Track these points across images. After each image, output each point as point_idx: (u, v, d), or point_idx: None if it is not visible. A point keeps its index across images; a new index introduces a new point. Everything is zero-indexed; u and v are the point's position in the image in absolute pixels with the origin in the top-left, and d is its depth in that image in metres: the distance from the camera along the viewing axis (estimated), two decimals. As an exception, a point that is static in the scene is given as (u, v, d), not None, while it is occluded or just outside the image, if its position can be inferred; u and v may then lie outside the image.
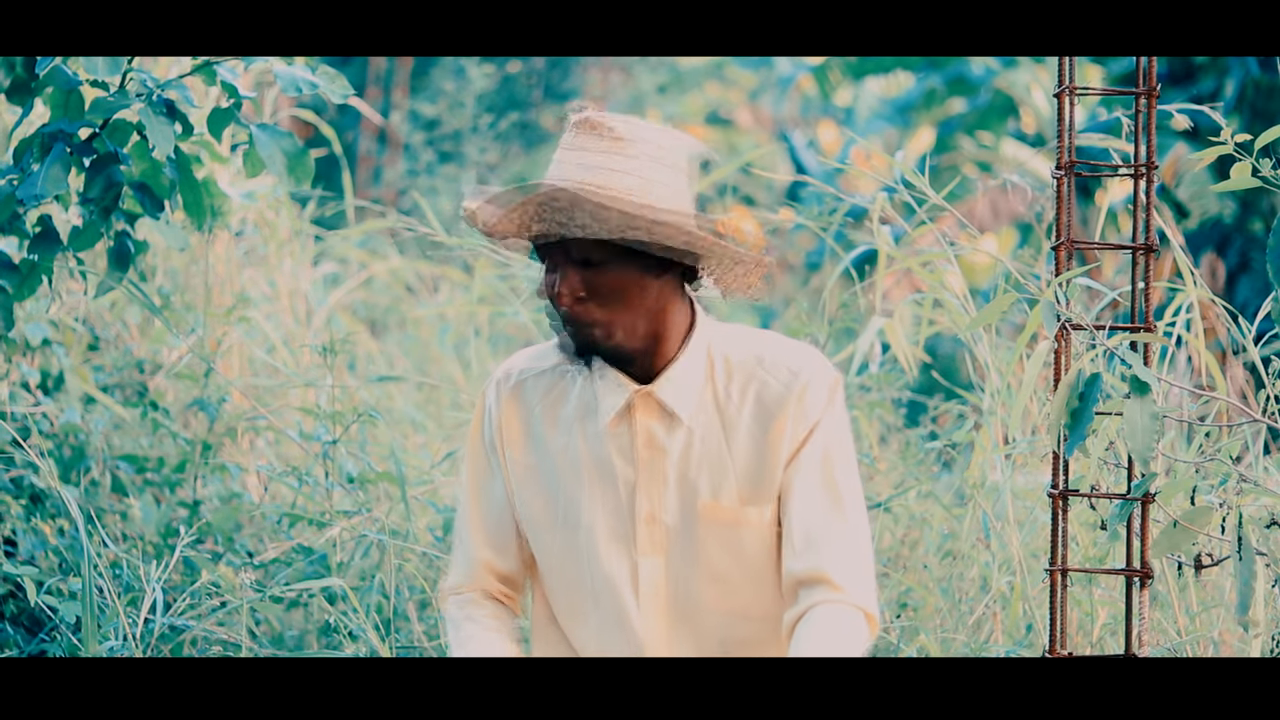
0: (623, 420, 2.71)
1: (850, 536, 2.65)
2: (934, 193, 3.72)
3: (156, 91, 3.31)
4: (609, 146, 2.60)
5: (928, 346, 4.61)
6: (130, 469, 4.40)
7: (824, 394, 2.69)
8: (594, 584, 2.73)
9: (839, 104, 14.19)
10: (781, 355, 2.72)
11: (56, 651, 3.61)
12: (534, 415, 2.76)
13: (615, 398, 2.70)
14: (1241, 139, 2.78)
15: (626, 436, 2.71)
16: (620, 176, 2.58)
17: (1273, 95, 8.10)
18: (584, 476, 2.72)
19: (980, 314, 2.87)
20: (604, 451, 2.71)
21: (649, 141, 2.62)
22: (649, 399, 2.70)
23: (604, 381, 2.71)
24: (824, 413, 2.69)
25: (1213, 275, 7.72)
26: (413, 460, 4.58)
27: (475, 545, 2.84)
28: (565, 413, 2.75)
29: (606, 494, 2.72)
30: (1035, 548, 3.79)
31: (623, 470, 2.71)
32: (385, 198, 11.36)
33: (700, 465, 2.70)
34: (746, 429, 2.69)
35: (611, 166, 2.59)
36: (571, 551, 2.74)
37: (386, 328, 7.25)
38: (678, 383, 2.69)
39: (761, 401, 2.69)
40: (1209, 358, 3.65)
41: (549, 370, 2.78)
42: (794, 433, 2.68)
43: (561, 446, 2.74)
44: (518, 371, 2.80)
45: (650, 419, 2.70)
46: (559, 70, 13.45)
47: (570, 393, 2.76)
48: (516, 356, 2.84)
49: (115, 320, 4.95)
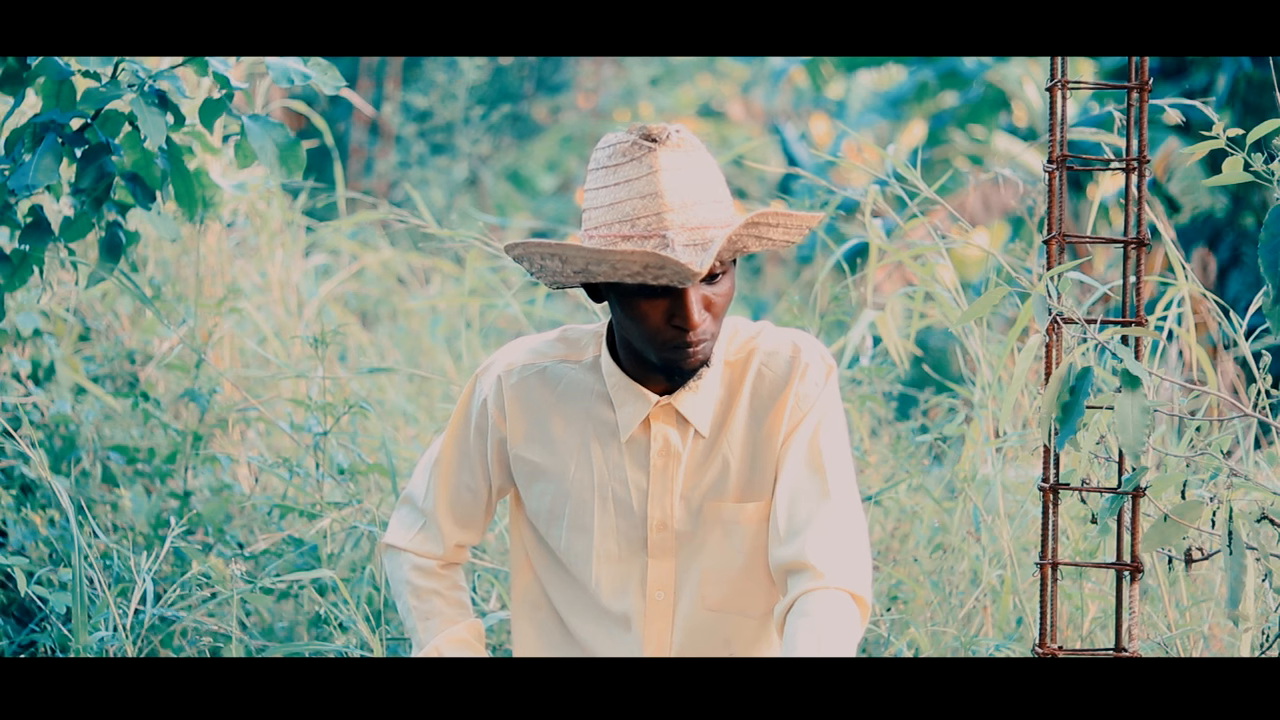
0: (640, 430, 2.71)
1: (836, 519, 2.63)
2: (926, 186, 3.72)
3: (148, 82, 3.31)
4: (692, 159, 2.55)
5: (919, 340, 4.62)
6: (121, 460, 4.39)
7: (819, 381, 2.69)
8: (600, 585, 2.73)
9: (831, 97, 14.19)
10: (778, 346, 2.71)
11: (46, 642, 3.60)
12: (541, 413, 2.75)
13: (635, 411, 2.68)
14: (1233, 134, 2.78)
15: (643, 444, 2.70)
16: (719, 188, 2.57)
17: (1265, 90, 8.10)
18: (596, 481, 2.72)
19: (971, 308, 2.87)
20: (619, 461, 2.71)
21: (698, 146, 2.60)
22: (667, 409, 2.69)
23: (621, 393, 2.69)
24: (817, 398, 2.68)
25: (1204, 270, 7.73)
26: (404, 452, 4.57)
27: (440, 516, 2.85)
28: (575, 411, 2.74)
29: (619, 502, 2.71)
30: (1026, 541, 3.79)
31: (635, 478, 2.71)
32: (377, 189, 11.35)
33: (703, 467, 2.70)
34: (744, 423, 2.69)
35: (708, 179, 2.56)
36: (578, 553, 2.74)
37: (378, 319, 7.24)
38: (696, 394, 2.68)
39: (758, 393, 2.69)
40: (1200, 352, 3.66)
41: (552, 365, 2.77)
42: (789, 420, 2.68)
43: (574, 449, 2.73)
44: (520, 367, 2.77)
45: (667, 427, 2.70)
46: (550, 63, 13.44)
47: (579, 390, 2.74)
48: (514, 349, 2.81)
49: (106, 311, 4.94)
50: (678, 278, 2.45)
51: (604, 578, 2.72)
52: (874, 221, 4.15)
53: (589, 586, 2.74)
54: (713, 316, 2.56)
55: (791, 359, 2.69)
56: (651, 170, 2.50)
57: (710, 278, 2.54)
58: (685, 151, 2.54)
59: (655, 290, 2.52)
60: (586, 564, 2.73)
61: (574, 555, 2.75)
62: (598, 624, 2.76)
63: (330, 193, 6.29)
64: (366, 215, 5.62)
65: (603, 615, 2.75)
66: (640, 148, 2.52)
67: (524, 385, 2.76)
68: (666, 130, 2.53)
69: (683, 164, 2.52)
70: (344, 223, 6.34)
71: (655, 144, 2.52)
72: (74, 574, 3.38)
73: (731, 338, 2.73)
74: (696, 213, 2.50)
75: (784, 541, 2.63)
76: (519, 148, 13.14)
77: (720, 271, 2.55)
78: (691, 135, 2.58)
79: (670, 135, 2.53)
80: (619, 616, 2.73)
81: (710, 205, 2.53)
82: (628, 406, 2.68)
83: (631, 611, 2.72)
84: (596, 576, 2.73)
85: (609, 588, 2.73)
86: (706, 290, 2.54)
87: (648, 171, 2.51)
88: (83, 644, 3.38)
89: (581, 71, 13.86)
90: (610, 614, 2.74)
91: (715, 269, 2.54)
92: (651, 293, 2.52)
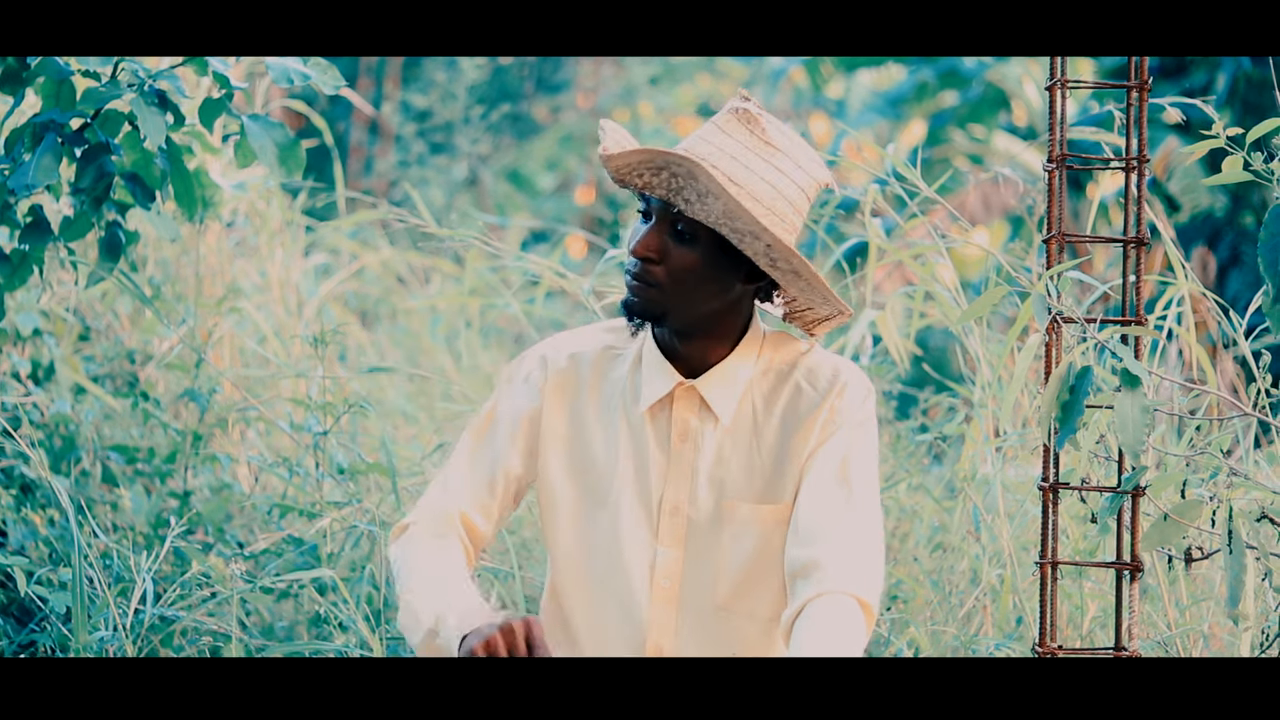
0: (663, 409, 2.73)
1: (855, 529, 2.63)
2: (925, 185, 3.72)
3: (148, 82, 3.31)
4: (755, 145, 2.62)
5: (919, 339, 4.62)
6: (121, 459, 4.39)
7: (857, 401, 2.71)
8: (607, 566, 2.74)
9: (830, 96, 14.20)
10: (822, 364, 2.74)
11: (46, 642, 3.60)
12: (582, 391, 2.78)
13: (659, 385, 2.72)
14: (1233, 133, 2.79)
15: (664, 426, 2.72)
16: (749, 174, 2.60)
17: (1264, 89, 8.11)
18: (619, 458, 2.74)
19: (971, 307, 2.87)
20: (642, 437, 2.73)
21: (793, 158, 2.64)
22: (691, 393, 2.72)
23: (651, 368, 2.73)
24: (852, 417, 2.70)
25: (1204, 269, 7.73)
26: (403, 451, 4.57)
27: (460, 493, 2.79)
28: (609, 392, 2.77)
29: (638, 480, 2.73)
30: (1025, 540, 3.79)
31: (656, 459, 2.72)
32: (377, 189, 11.36)
33: (729, 465, 2.71)
34: (775, 431, 2.71)
35: (747, 163, 2.61)
36: (597, 528, 2.75)
37: (378, 319, 7.25)
38: (723, 383, 2.71)
39: (794, 406, 2.71)
40: (1200, 351, 3.66)
41: (599, 350, 2.81)
42: (821, 433, 2.69)
43: (603, 425, 2.76)
44: (568, 348, 2.81)
45: (688, 413, 2.72)
46: (550, 62, 13.44)
47: (616, 374, 2.78)
48: (560, 337, 2.86)
49: (106, 310, 4.94)
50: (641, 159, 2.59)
51: (614, 557, 2.73)
52: (874, 221, 4.15)
53: (599, 565, 2.74)
54: (665, 270, 2.62)
55: (833, 377, 2.72)
56: (718, 126, 2.65)
57: (678, 231, 2.61)
58: (759, 141, 2.63)
59: (646, 207, 2.65)
60: (602, 539, 2.74)
61: (592, 531, 2.75)
62: (601, 609, 2.76)
63: (330, 192, 6.29)
64: (366, 215, 5.63)
65: (608, 600, 2.75)
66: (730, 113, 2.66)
67: (573, 365, 2.80)
68: (764, 121, 2.64)
69: (748, 144, 2.62)
70: (344, 222, 6.35)
71: (742, 117, 2.64)
72: (74, 574, 3.38)
73: (779, 344, 2.75)
74: (724, 165, 2.58)
75: (800, 545, 2.63)
76: (518, 147, 13.15)
77: (690, 236, 2.60)
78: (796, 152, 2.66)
79: (761, 124, 2.63)
80: (624, 601, 2.73)
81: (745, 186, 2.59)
82: (654, 380, 2.72)
83: (636, 597, 2.72)
84: (608, 554, 2.73)
85: (617, 568, 2.73)
86: (671, 240, 2.62)
87: (715, 124, 2.65)
88: (83, 644, 3.38)
89: (581, 71, 13.87)
90: (615, 598, 2.74)
91: (688, 230, 2.60)
92: (646, 209, 2.65)
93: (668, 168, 2.58)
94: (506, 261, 4.58)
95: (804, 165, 2.65)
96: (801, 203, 2.65)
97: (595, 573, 2.76)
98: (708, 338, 2.71)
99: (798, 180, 2.63)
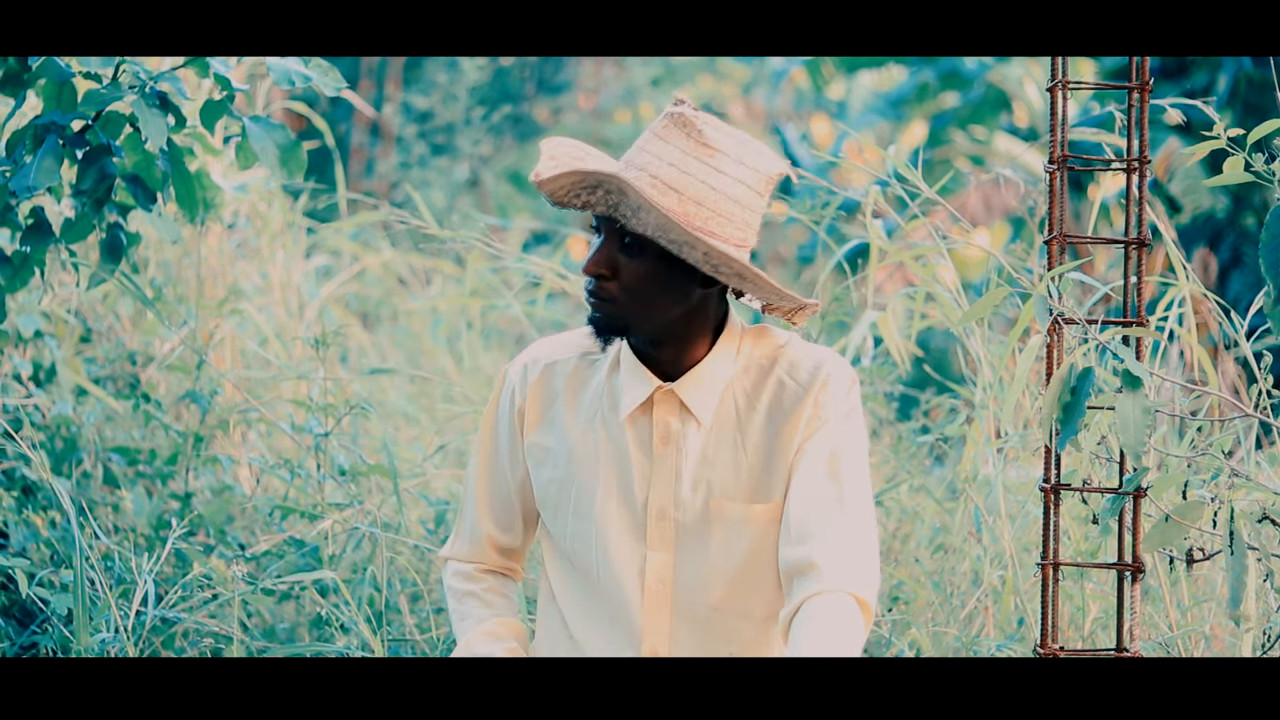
0: (643, 414, 2.72)
1: (848, 526, 2.62)
2: (926, 187, 3.72)
3: (149, 84, 3.31)
4: (693, 149, 2.60)
5: (920, 340, 4.63)
6: (122, 461, 4.39)
7: (841, 392, 2.69)
8: (599, 573, 2.74)
9: (832, 97, 14.21)
10: (803, 357, 2.72)
11: (48, 643, 3.60)
12: (557, 400, 2.78)
13: (637, 391, 2.71)
14: (1234, 134, 2.78)
15: (645, 430, 2.72)
16: (688, 180, 2.58)
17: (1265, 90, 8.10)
18: (600, 467, 2.73)
19: (972, 308, 2.87)
20: (623, 444, 2.72)
21: (734, 157, 2.61)
22: (670, 396, 2.71)
23: (628, 375, 2.72)
24: (838, 409, 2.69)
25: (1205, 270, 7.73)
26: (405, 453, 4.57)
27: (479, 518, 2.89)
28: (586, 400, 2.77)
29: (622, 486, 2.72)
30: (1027, 542, 3.79)
31: (639, 464, 2.72)
32: (378, 190, 11.36)
33: (714, 464, 2.71)
34: (760, 428, 2.70)
35: (686, 168, 2.59)
36: (580, 539, 2.75)
37: (379, 320, 7.25)
38: (701, 384, 2.70)
39: (779, 401, 2.70)
40: (1201, 352, 3.66)
41: (576, 358, 2.80)
42: (808, 428, 2.68)
43: (581, 434, 2.76)
44: (545, 357, 2.82)
45: (669, 416, 2.71)
46: (552, 63, 13.44)
47: (594, 381, 2.77)
48: (543, 343, 2.86)
49: (107, 312, 4.95)
50: (575, 181, 2.60)
51: (603, 565, 2.73)
52: (875, 222, 4.15)
53: (589, 575, 2.75)
54: (619, 284, 2.62)
55: (814, 370, 2.70)
56: (655, 134, 2.62)
57: (625, 244, 2.61)
58: (697, 145, 2.60)
59: (594, 226, 2.66)
60: (587, 550, 2.74)
61: (576, 542, 2.75)
62: (596, 616, 2.76)
63: (331, 194, 6.29)
64: (367, 216, 5.63)
65: (601, 607, 2.75)
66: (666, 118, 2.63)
67: (548, 373, 2.81)
68: (700, 123, 2.60)
69: (685, 149, 2.59)
70: (345, 224, 6.35)
71: (678, 121, 2.61)
72: (75, 575, 3.38)
73: (758, 338, 2.74)
74: (663, 174, 2.56)
75: (794, 543, 2.63)
76: (520, 148, 13.14)
77: (639, 249, 2.60)
78: (737, 150, 2.63)
79: (697, 127, 2.60)
80: (617, 607, 2.73)
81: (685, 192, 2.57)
82: (632, 386, 2.71)
83: (629, 602, 2.72)
84: (596, 563, 2.73)
85: (608, 576, 2.73)
86: (621, 255, 2.62)
87: (652, 133, 2.63)
88: (84, 645, 3.38)
89: (582, 72, 13.87)
90: (609, 605, 2.74)
91: (636, 243, 2.60)
92: (597, 224, 2.65)
93: (602, 185, 2.58)
94: (508, 263, 4.59)
95: (747, 161, 2.61)
96: (751, 200, 2.62)
97: (586, 581, 2.76)
98: (680, 342, 2.69)
99: (742, 178, 2.61)
